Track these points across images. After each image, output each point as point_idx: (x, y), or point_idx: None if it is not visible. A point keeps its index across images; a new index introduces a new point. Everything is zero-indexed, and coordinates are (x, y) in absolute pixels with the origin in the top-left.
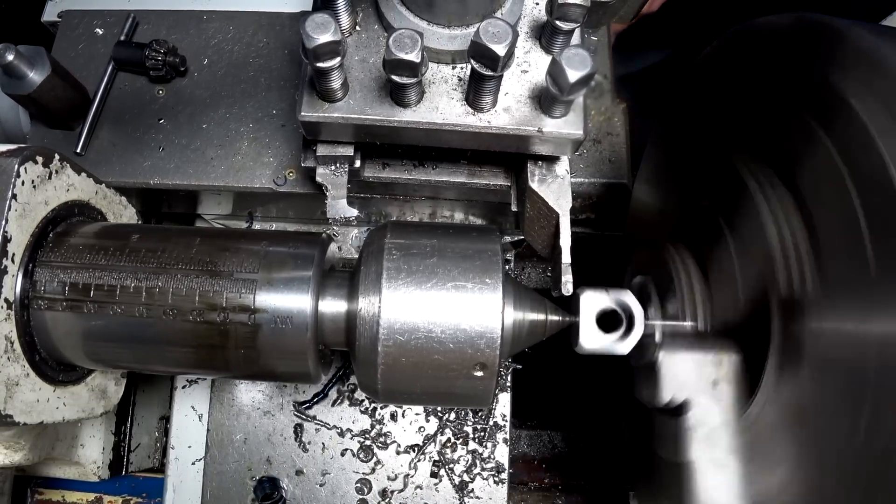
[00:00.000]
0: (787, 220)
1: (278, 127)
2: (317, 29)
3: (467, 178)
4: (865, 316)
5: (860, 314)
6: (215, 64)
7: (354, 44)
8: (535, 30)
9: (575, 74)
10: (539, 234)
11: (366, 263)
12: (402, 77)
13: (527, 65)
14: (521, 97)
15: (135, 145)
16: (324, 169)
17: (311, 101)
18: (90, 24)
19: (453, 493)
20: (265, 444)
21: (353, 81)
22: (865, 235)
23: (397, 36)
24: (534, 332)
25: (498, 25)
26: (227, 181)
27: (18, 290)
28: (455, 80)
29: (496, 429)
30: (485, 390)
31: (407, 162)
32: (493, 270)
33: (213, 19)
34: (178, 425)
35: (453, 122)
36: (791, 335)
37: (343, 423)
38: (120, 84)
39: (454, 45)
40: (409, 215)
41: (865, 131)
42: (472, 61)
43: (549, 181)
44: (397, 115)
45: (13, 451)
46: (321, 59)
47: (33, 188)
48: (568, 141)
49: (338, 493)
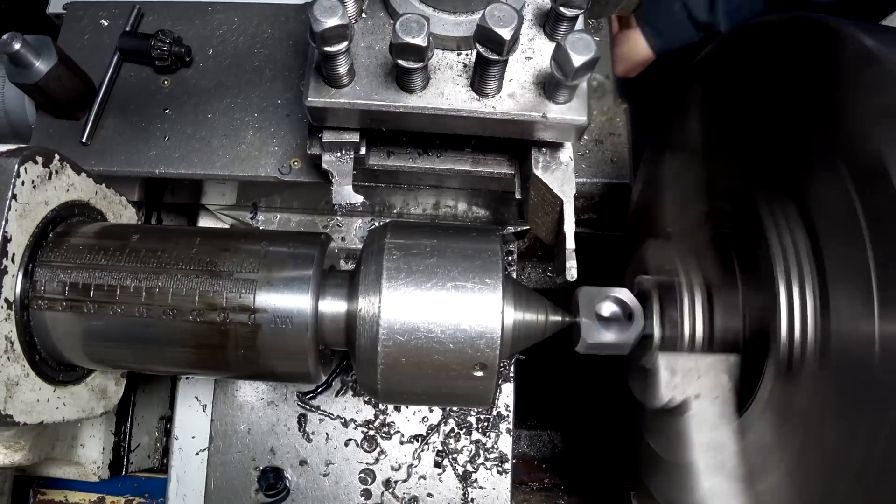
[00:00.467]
0: (787, 223)
1: (283, 116)
2: (325, 13)
3: (472, 166)
4: (865, 316)
5: (860, 314)
6: (220, 54)
7: (360, 30)
8: (539, 17)
9: (579, 59)
10: (543, 222)
11: (366, 263)
12: (409, 62)
13: (531, 51)
14: (526, 83)
15: (140, 135)
16: (329, 156)
17: (317, 87)
18: (95, 15)
19: (457, 482)
20: (269, 435)
21: (359, 68)
22: (866, 236)
23: (404, 20)
24: (534, 332)
25: (504, 10)
26: (232, 170)
27: (18, 290)
28: (460, 67)
29: (500, 419)
30: (485, 390)
31: (412, 150)
32: (493, 270)
33: (218, 10)
34: (181, 416)
35: (458, 107)
36: (791, 335)
37: (347, 413)
38: (125, 74)
39: (459, 31)
40: (412, 205)
41: (865, 131)
42: (478, 46)
43: (553, 168)
44: (403, 100)
45: (13, 451)
46: (329, 42)
47: (33, 188)
48: (572, 127)
49: (341, 483)
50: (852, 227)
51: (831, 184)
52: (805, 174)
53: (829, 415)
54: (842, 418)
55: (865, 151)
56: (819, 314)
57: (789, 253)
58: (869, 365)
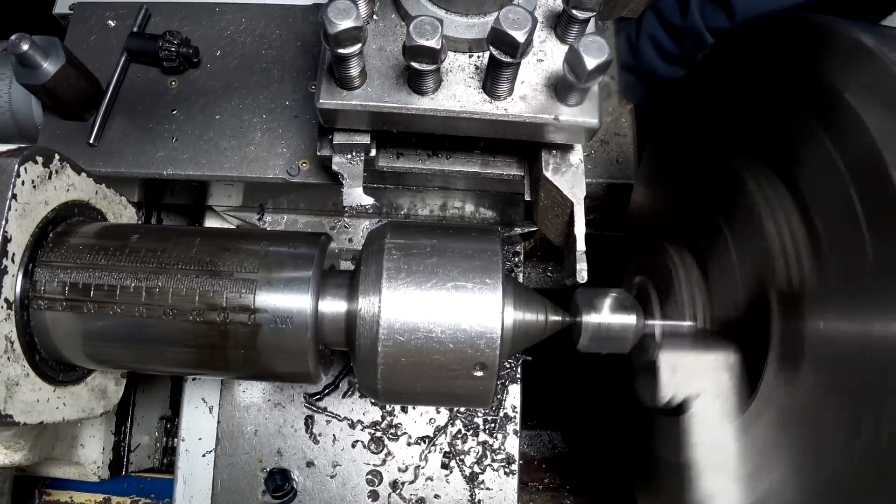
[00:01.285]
0: (786, 219)
1: (291, 118)
2: (339, 15)
3: (481, 167)
4: (865, 315)
5: (860, 313)
6: (228, 55)
7: (372, 32)
8: (551, 19)
9: (592, 62)
10: (553, 224)
11: (366, 263)
12: (422, 64)
13: (542, 54)
14: (538, 86)
15: (148, 136)
16: (340, 157)
17: (329, 89)
18: (102, 15)
19: (464, 484)
20: (276, 436)
21: (370, 70)
22: (865, 234)
23: (418, 23)
24: (534, 332)
25: (518, 12)
26: (240, 171)
27: (18, 290)
28: (472, 69)
29: (506, 420)
30: (485, 390)
31: (421, 151)
32: (493, 270)
33: (226, 11)
34: (188, 418)
35: (470, 109)
36: (791, 334)
37: (354, 414)
38: (133, 75)
39: (472, 33)
40: (419, 207)
41: (865, 131)
42: (492, 48)
43: (564, 170)
44: (415, 102)
45: (13, 451)
46: (342, 45)
47: (33, 188)
48: (583, 129)
49: (348, 485)
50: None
51: (829, 179)
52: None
53: (830, 412)
54: (842, 415)
55: (863, 148)
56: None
57: (774, 204)
58: (867, 361)
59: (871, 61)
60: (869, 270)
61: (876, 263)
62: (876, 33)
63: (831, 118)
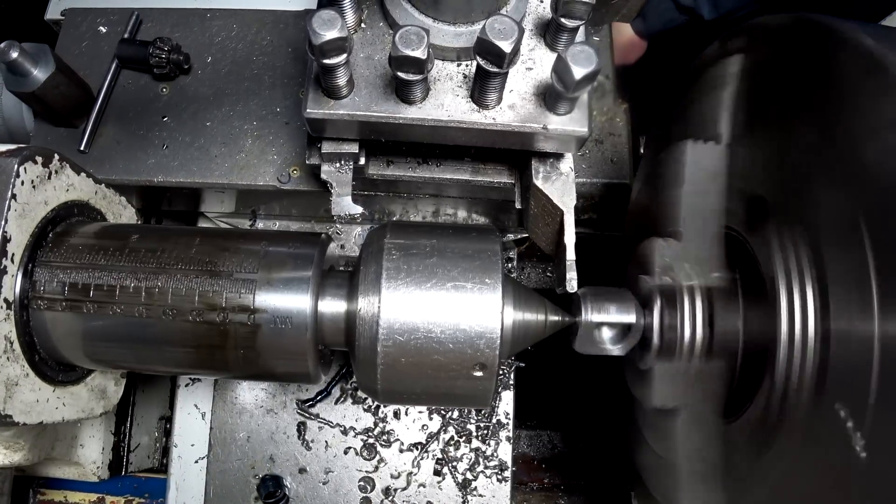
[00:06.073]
0: (787, 219)
1: (282, 124)
2: (323, 25)
3: (471, 175)
4: (865, 319)
5: (860, 315)
6: (219, 62)
7: (359, 41)
8: (540, 27)
9: (580, 71)
10: (543, 232)
11: (365, 263)
12: (408, 74)
13: (531, 62)
14: (526, 94)
15: (139, 143)
16: (329, 166)
17: (316, 99)
18: (94, 21)
19: (456, 491)
20: (268, 443)
21: (358, 79)
22: (865, 234)
23: (403, 33)
24: (533, 333)
25: (504, 22)
26: (231, 179)
27: (18, 290)
28: (460, 78)
29: (499, 427)
30: (485, 390)
31: (411, 159)
32: (493, 270)
33: (217, 17)
34: (180, 423)
35: (458, 118)
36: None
37: (346, 420)
38: (124, 82)
39: (459, 42)
40: (412, 213)
41: (865, 131)
42: (478, 58)
43: (554, 178)
44: (402, 111)
45: (13, 451)
46: (328, 55)
47: (33, 188)
48: (572, 138)
49: (341, 492)
50: (853, 234)
51: (833, 189)
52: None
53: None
54: (839, 426)
55: (867, 158)
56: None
57: (790, 257)
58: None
59: (871, 61)
60: (870, 279)
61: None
62: (876, 33)
63: (832, 119)
